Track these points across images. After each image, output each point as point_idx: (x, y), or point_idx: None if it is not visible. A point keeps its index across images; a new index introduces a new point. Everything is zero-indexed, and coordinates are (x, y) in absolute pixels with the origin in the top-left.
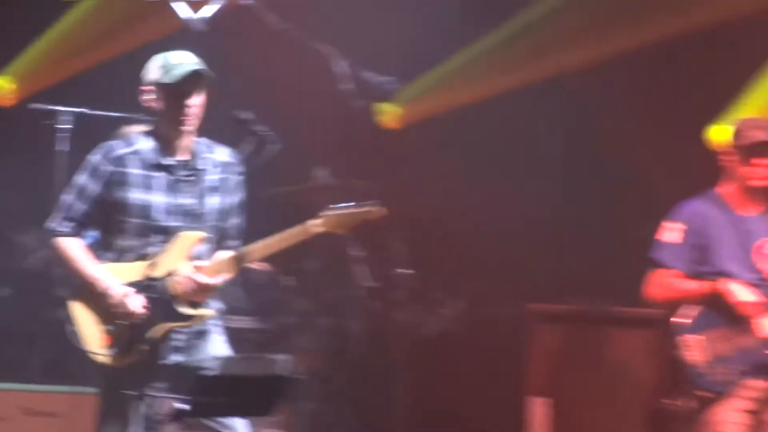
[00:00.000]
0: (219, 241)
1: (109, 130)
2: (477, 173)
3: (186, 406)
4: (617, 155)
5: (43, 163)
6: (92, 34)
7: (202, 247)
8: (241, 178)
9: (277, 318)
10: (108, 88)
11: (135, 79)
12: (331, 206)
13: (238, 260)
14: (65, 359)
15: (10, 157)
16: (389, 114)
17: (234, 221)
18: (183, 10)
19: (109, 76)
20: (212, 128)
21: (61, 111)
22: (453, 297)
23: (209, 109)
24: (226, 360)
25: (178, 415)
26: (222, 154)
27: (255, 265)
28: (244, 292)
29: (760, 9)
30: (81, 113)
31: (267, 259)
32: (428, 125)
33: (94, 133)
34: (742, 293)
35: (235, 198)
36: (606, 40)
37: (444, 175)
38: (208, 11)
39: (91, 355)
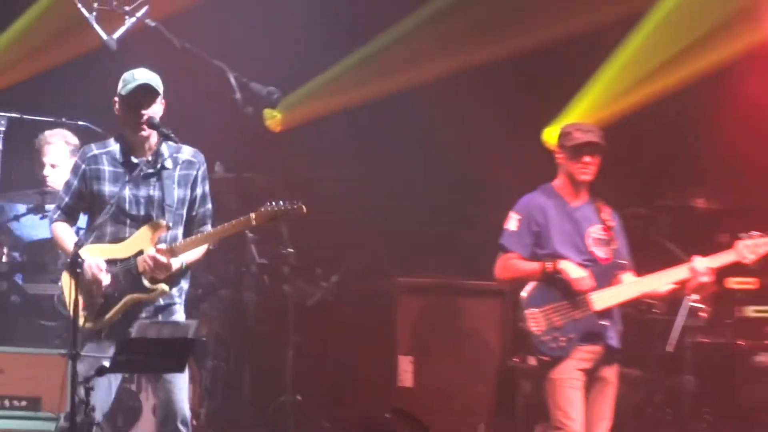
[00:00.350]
0: (188, 227)
1: (38, 133)
2: (351, 167)
3: (107, 364)
4: (471, 154)
5: None
6: (25, 49)
7: (164, 233)
8: (203, 172)
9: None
10: (39, 95)
11: (62, 89)
12: (267, 203)
13: (179, 249)
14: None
15: None
16: (273, 118)
17: (201, 210)
18: (99, 31)
19: (41, 85)
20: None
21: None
22: (331, 272)
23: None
24: (143, 325)
25: (101, 371)
26: (186, 153)
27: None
28: None
29: (585, 33)
30: (12, 117)
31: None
32: (307, 127)
33: (24, 135)
34: (574, 272)
35: (198, 190)
36: (462, 54)
37: (322, 169)
38: (119, 32)
39: (83, 315)
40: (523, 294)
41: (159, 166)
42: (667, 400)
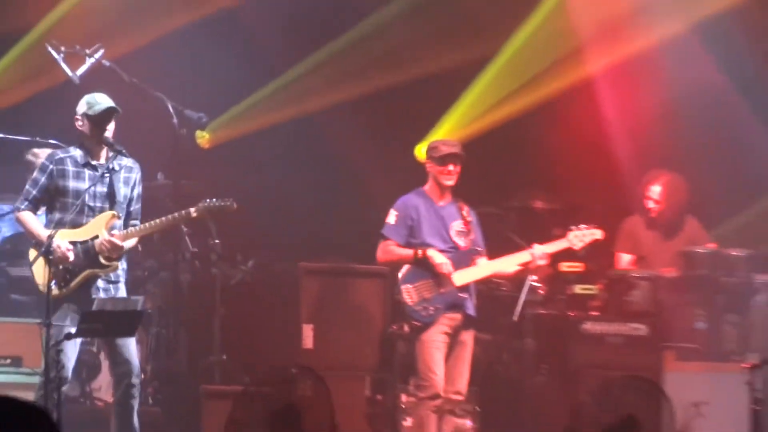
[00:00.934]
0: (125, 220)
1: (16, 150)
2: (265, 176)
3: (73, 330)
4: (361, 165)
5: None
6: (5, 83)
7: (116, 221)
8: (139, 177)
9: (134, 272)
10: (16, 119)
11: (35, 114)
12: (204, 200)
13: (130, 235)
14: None
15: None
16: (202, 137)
17: (135, 207)
18: (65, 69)
19: (18, 111)
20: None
21: None
22: (248, 258)
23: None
24: (100, 300)
25: (68, 336)
26: (128, 161)
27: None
28: None
29: (449, 69)
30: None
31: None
32: (229, 144)
33: (4, 152)
34: (438, 258)
35: (135, 191)
36: (354, 86)
37: (241, 177)
38: (81, 70)
39: (41, 288)
40: (400, 273)
41: (112, 169)
42: (512, 359)
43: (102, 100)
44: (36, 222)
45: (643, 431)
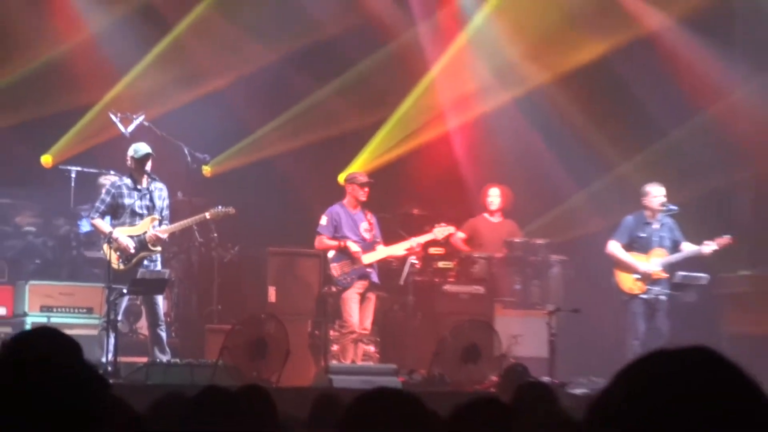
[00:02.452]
0: (160, 222)
1: (94, 178)
2: (247, 194)
3: (125, 290)
4: (307, 185)
5: (62, 195)
6: (84, 134)
7: (155, 222)
8: (166, 194)
9: (164, 254)
10: (90, 158)
11: (101, 155)
12: (214, 207)
13: (164, 232)
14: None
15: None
16: (207, 170)
17: (165, 213)
18: (120, 127)
19: (91, 153)
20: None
21: (70, 169)
22: (235, 244)
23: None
24: (143, 272)
25: (122, 294)
26: (159, 184)
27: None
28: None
29: (364, 125)
30: (78, 170)
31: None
32: (224, 175)
33: (86, 180)
34: (353, 247)
35: (165, 203)
36: (302, 134)
37: (231, 194)
38: (130, 128)
39: (113, 265)
40: (329, 255)
41: (149, 189)
42: (399, 309)
43: (143, 148)
44: (105, 225)
45: (482, 353)
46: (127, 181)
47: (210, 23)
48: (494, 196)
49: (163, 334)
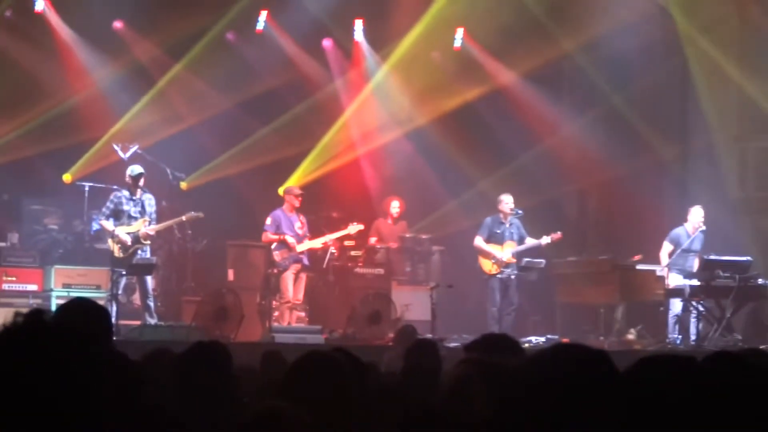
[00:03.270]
0: (150, 223)
1: (101, 191)
2: (211, 202)
3: (123, 271)
4: (257, 196)
5: (78, 203)
6: (94, 160)
7: (146, 223)
8: (154, 202)
9: (152, 245)
10: (99, 176)
11: (106, 175)
12: (189, 212)
13: (153, 230)
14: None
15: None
16: (183, 185)
17: (153, 217)
18: (120, 153)
19: (99, 173)
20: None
21: (84, 184)
22: (204, 238)
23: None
24: (137, 258)
25: (122, 275)
26: (149, 195)
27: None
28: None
29: (298, 152)
30: (91, 186)
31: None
32: (197, 187)
33: (96, 192)
34: (289, 240)
35: (153, 209)
36: (255, 157)
37: (200, 202)
38: (128, 154)
39: (116, 253)
40: (273, 247)
41: (141, 199)
42: (323, 285)
43: (137, 169)
44: (109, 225)
45: (383, 317)
46: (125, 192)
47: (184, 79)
48: (395, 207)
49: (152, 304)
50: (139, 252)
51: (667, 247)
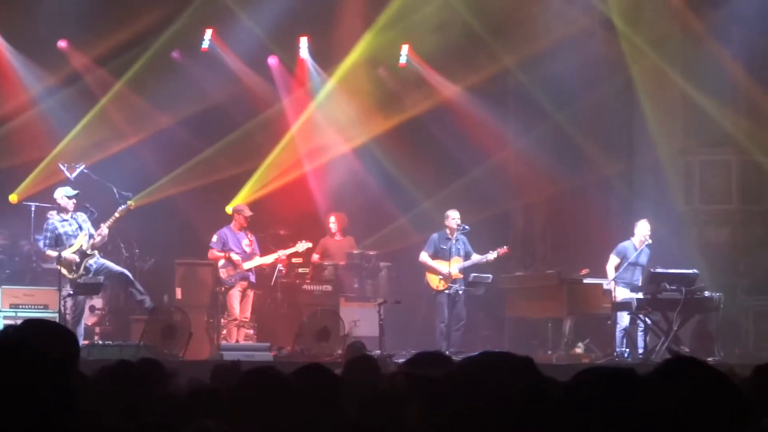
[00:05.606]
0: (91, 236)
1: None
2: (158, 219)
3: (72, 291)
4: (204, 214)
5: (25, 223)
6: (39, 180)
7: (86, 237)
8: (89, 220)
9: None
10: (42, 196)
11: (50, 194)
12: (120, 206)
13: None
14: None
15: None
16: (130, 203)
17: (92, 230)
18: (66, 173)
19: (42, 194)
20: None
21: (31, 204)
22: (151, 257)
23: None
24: (84, 279)
25: (69, 295)
26: (81, 214)
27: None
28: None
29: (247, 169)
30: (37, 205)
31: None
32: (143, 206)
33: (43, 212)
34: (235, 257)
35: (89, 224)
36: (206, 175)
37: (148, 218)
38: (74, 174)
39: (68, 275)
40: (220, 264)
41: (73, 217)
42: (271, 302)
43: (71, 191)
44: (53, 253)
45: (331, 334)
46: (56, 216)
47: (128, 97)
48: (332, 222)
49: (82, 320)
50: (90, 263)
51: (613, 260)
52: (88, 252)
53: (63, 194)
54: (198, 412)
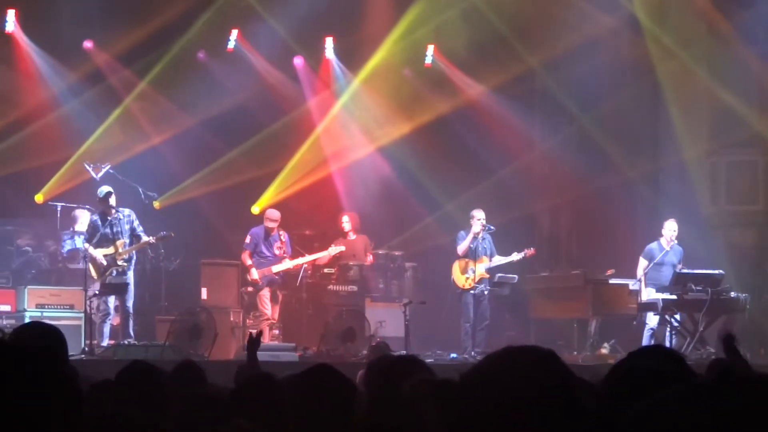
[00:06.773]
0: (126, 244)
1: (72, 210)
2: (182, 219)
3: (98, 291)
4: (233, 216)
5: (51, 223)
6: (65, 179)
7: (122, 246)
8: (134, 219)
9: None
10: (69, 196)
11: (77, 195)
12: (159, 233)
13: (125, 252)
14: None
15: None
16: (156, 204)
17: (139, 227)
18: (91, 173)
19: (69, 193)
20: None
21: (56, 204)
22: (177, 257)
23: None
24: (111, 278)
25: (95, 295)
26: (126, 210)
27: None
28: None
29: (272, 171)
30: (63, 205)
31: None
32: (169, 207)
33: (68, 212)
34: (254, 274)
35: (136, 223)
36: (224, 179)
37: (172, 220)
38: (99, 174)
39: (96, 275)
40: (248, 263)
41: (117, 217)
42: (298, 302)
43: (104, 189)
44: (92, 249)
45: (356, 334)
46: (98, 216)
47: (153, 98)
48: (345, 222)
49: (131, 323)
50: (114, 272)
51: (642, 264)
52: (118, 262)
53: (97, 194)
54: (235, 412)
